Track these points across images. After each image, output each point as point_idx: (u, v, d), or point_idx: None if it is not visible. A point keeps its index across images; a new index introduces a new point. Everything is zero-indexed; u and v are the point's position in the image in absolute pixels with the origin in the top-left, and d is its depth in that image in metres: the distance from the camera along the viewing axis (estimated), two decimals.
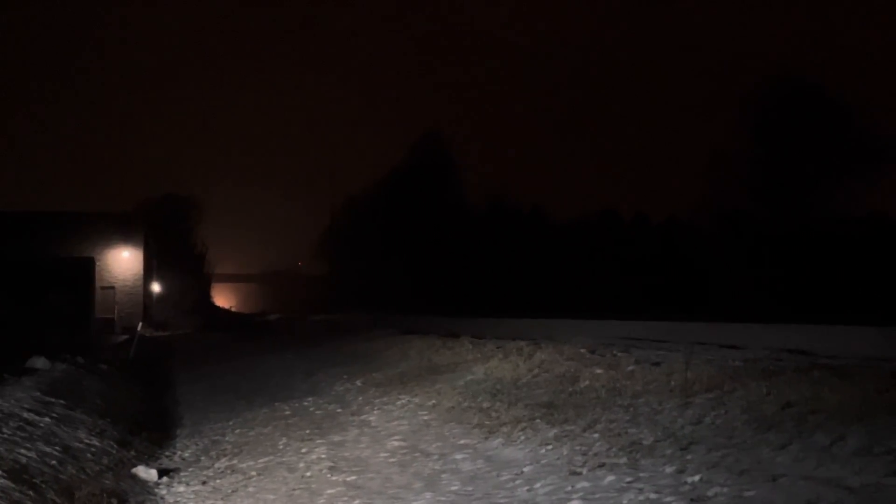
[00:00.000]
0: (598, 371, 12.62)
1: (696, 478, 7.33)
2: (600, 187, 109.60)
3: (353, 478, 9.48)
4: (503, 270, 53.49)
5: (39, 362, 17.43)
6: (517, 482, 8.41)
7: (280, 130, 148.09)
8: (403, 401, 14.01)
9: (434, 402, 13.35)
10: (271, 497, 9.11)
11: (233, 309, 77.89)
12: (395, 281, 56.90)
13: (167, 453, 12.55)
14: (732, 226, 46.10)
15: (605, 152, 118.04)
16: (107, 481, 9.54)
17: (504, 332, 20.14)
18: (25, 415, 11.47)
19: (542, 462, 8.93)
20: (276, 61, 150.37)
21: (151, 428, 14.31)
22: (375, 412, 13.57)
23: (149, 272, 53.25)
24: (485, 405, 12.21)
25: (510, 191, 70.93)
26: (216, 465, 11.20)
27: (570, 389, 11.98)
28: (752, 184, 46.26)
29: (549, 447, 9.41)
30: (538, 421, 10.55)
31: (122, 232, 50.98)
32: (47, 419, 11.67)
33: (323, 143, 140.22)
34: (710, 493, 6.89)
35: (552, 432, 9.92)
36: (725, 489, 6.88)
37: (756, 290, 40.74)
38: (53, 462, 9.53)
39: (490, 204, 62.63)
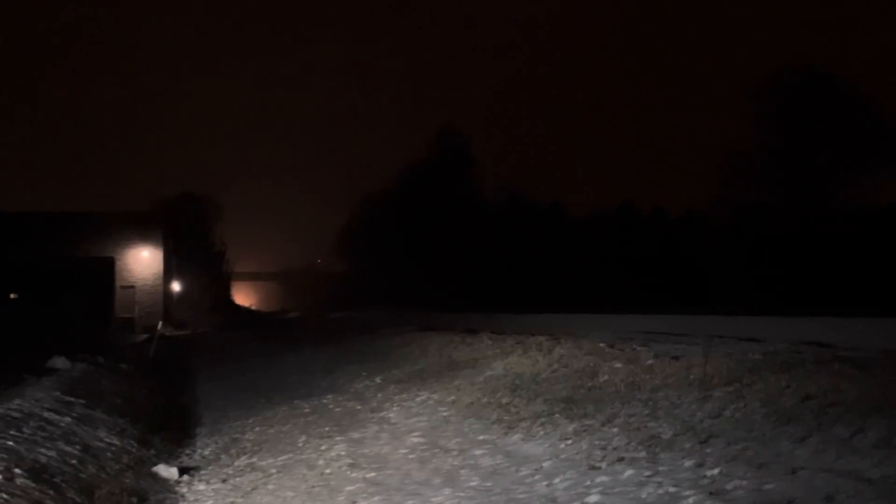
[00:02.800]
0: (618, 365, 12.62)
1: (716, 471, 7.29)
2: (618, 181, 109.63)
3: (373, 474, 9.49)
4: (522, 265, 53.58)
5: (59, 362, 17.47)
6: (536, 477, 8.39)
7: (298, 129, 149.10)
8: (423, 397, 14.03)
9: (453, 398, 13.37)
10: (291, 494, 9.13)
11: (252, 307, 79.13)
12: (414, 277, 57.36)
13: (187, 451, 12.61)
14: (750, 219, 45.90)
15: (622, 146, 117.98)
16: (127, 480, 9.58)
17: (523, 328, 20.12)
18: (46, 414, 11.52)
19: (562, 457, 8.92)
20: (294, 58, 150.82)
21: (171, 426, 14.35)
22: (395, 409, 13.60)
23: (168, 271, 53.41)
24: (504, 401, 12.21)
25: (528, 186, 71.02)
26: (236, 463, 11.25)
27: (590, 384, 11.96)
28: (769, 176, 46.01)
29: (569, 442, 9.40)
30: (557, 416, 10.53)
31: (142, 231, 51.13)
32: (67, 419, 11.73)
33: (341, 141, 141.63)
34: (729, 487, 6.84)
35: (571, 427, 9.91)
36: (745, 482, 6.84)
37: (773, 284, 40.53)
38: (73, 461, 9.57)
39: (508, 198, 62.69)
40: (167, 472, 10.50)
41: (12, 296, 42.46)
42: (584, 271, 51.13)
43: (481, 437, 10.52)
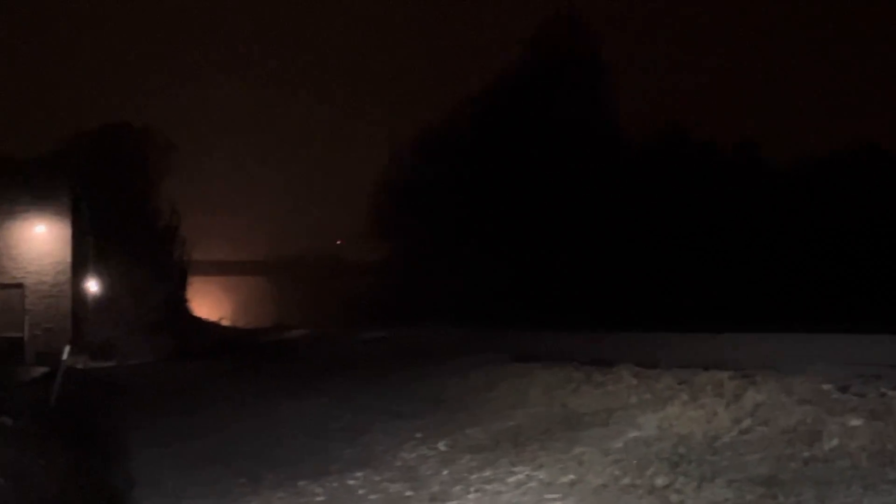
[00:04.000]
0: (855, 423, 12.34)
1: None
2: (832, 120, 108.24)
3: None
4: (687, 249, 53.38)
5: None
6: None
7: (305, 30, 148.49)
8: (520, 476, 13.87)
9: (572, 477, 13.24)
10: None
11: (225, 322, 77.90)
12: (501, 268, 57.17)
13: None
14: None
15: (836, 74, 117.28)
16: None
17: (690, 356, 20.02)
18: None
19: None
20: None
21: None
22: (471, 496, 13.54)
23: (81, 259, 52.70)
24: (659, 482, 12.09)
25: (689, 122, 68.76)
26: None
27: (807, 454, 11.82)
28: None
29: None
30: None
31: (35, 191, 49.36)
32: None
33: (371, 43, 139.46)
34: None
35: None
36: None
37: None
38: None
39: (663, 138, 62.30)
40: None
41: None
42: (794, 258, 51.07)
43: None
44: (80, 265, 52.21)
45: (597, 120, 61.75)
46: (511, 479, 13.76)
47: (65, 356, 31.53)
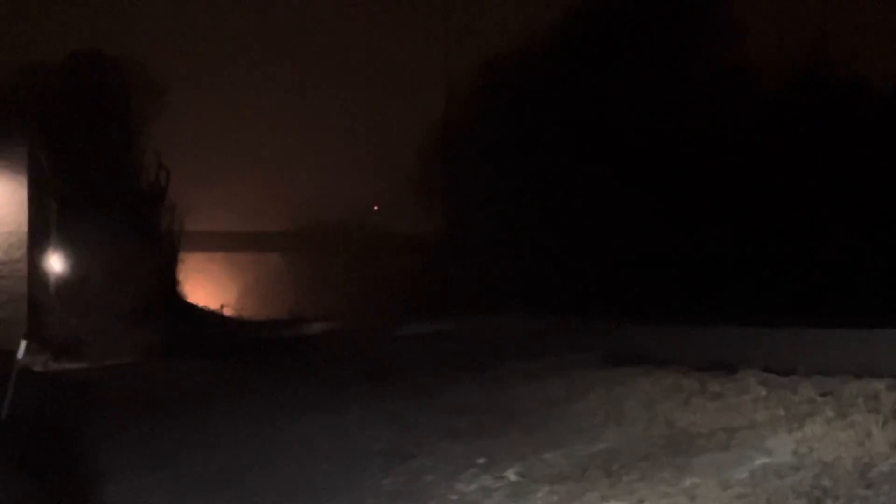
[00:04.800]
0: None
1: None
2: None
3: None
4: (836, 219, 52.43)
5: None
6: None
7: None
8: None
9: None
10: None
11: (227, 311, 79.04)
12: (589, 242, 57.00)
13: None
14: None
15: None
16: None
17: (836, 359, 19.94)
18: None
19: None
20: None
21: None
22: None
23: (41, 228, 53.29)
24: None
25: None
26: None
27: None
28: None
29: None
30: None
31: None
32: None
33: None
34: None
35: None
36: None
37: None
38: None
39: (803, 78, 61.85)
40: None
41: None
42: None
43: None
44: (39, 236, 52.50)
45: (716, 51, 62.08)
46: None
47: (20, 355, 31.75)
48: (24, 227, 50.29)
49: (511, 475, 16.89)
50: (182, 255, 72.85)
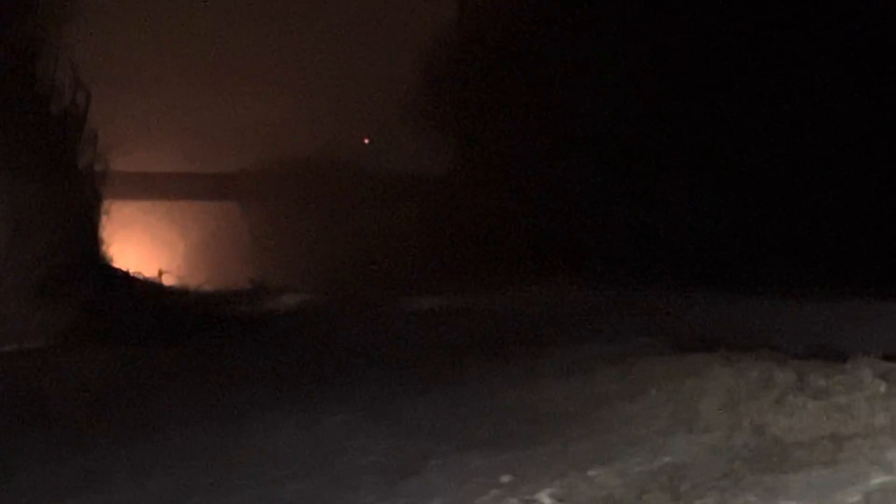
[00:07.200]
0: None
1: None
2: None
3: None
4: None
5: None
6: None
7: None
8: None
9: None
10: None
11: (167, 280, 71.90)
12: (652, 189, 51.29)
13: None
14: None
15: None
16: None
17: None
18: None
19: None
20: None
21: None
22: None
23: None
24: None
25: None
26: None
27: None
28: None
29: None
30: None
31: None
32: None
33: None
34: None
35: None
36: None
37: None
38: None
39: None
40: None
41: None
42: None
43: None
44: None
45: None
46: None
47: None
48: None
49: (545, 498, 14.41)
50: (107, 205, 63.73)
